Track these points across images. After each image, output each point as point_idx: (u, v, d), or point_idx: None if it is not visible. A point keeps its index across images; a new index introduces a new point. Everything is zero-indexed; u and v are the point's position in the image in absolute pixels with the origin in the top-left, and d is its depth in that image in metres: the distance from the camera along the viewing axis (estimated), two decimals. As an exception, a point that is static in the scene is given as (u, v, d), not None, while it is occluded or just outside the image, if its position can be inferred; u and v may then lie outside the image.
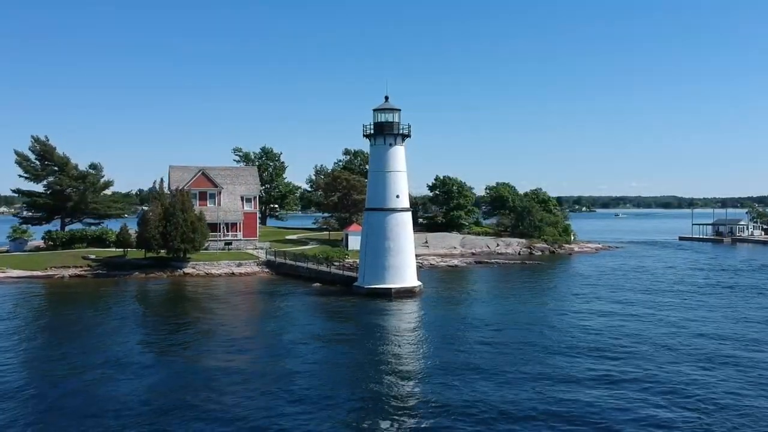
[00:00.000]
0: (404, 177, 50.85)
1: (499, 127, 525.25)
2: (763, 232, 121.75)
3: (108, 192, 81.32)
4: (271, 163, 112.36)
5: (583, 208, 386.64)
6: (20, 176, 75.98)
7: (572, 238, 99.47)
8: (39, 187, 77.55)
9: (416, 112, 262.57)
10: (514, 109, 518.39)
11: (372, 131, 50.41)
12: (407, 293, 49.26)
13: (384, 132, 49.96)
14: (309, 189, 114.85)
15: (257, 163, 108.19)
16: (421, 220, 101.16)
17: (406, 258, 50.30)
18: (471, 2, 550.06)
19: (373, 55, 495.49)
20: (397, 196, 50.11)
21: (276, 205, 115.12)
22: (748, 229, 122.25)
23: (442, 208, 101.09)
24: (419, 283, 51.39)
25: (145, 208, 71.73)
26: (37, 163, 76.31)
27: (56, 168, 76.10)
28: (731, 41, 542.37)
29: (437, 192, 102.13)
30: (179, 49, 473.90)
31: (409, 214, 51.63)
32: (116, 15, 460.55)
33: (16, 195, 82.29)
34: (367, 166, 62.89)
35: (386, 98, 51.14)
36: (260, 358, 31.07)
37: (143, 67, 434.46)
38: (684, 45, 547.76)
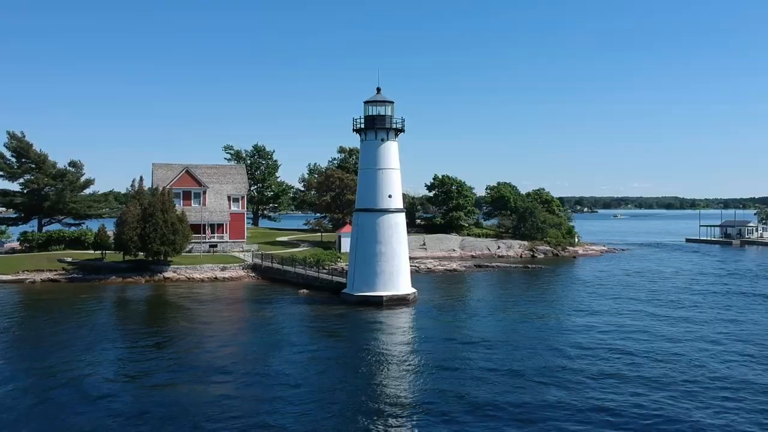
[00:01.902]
0: (397, 175, 46.87)
1: (499, 127, 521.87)
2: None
3: (88, 191, 77.35)
4: (263, 162, 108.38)
5: (585, 209, 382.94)
6: (-6, 174, 72.37)
7: (576, 240, 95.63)
8: (15, 186, 74.00)
9: (416, 111, 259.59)
10: (514, 109, 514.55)
11: (362, 125, 46.47)
12: (400, 301, 45.37)
13: (375, 126, 45.98)
14: (302, 188, 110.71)
15: (248, 162, 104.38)
16: (419, 221, 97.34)
17: (399, 263, 46.34)
18: (471, 2, 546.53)
19: (372, 54, 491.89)
20: (390, 196, 46.15)
21: (274, 204, 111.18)
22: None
23: (440, 208, 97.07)
24: (413, 290, 47.45)
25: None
26: (13, 160, 72.62)
27: (33, 165, 72.42)
28: (731, 41, 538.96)
29: (436, 192, 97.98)
30: (174, 48, 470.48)
31: (403, 215, 47.59)
32: (111, 14, 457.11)
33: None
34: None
35: (378, 90, 47.09)
36: (235, 376, 27.41)
37: (138, 66, 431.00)
38: (684, 45, 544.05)
